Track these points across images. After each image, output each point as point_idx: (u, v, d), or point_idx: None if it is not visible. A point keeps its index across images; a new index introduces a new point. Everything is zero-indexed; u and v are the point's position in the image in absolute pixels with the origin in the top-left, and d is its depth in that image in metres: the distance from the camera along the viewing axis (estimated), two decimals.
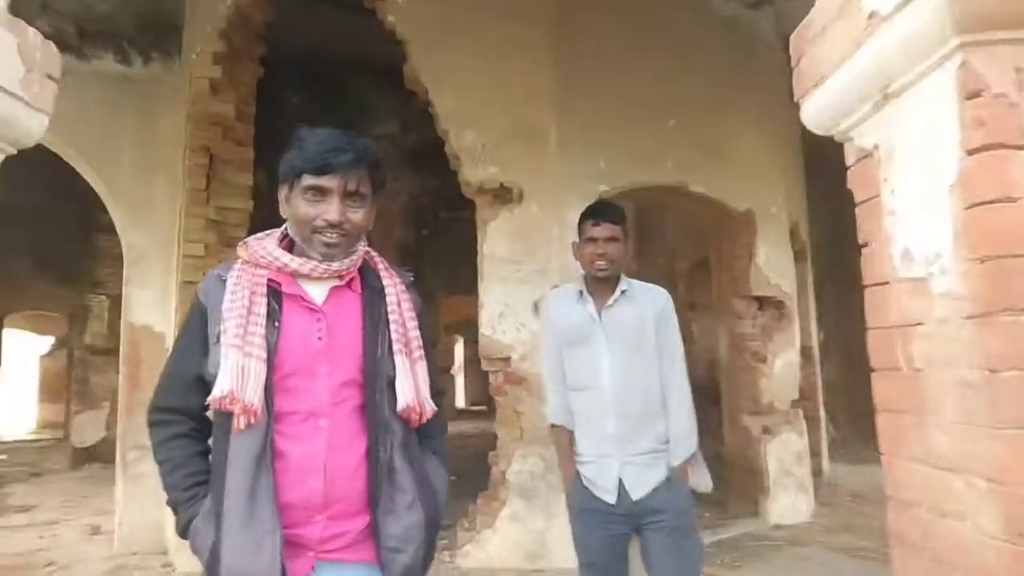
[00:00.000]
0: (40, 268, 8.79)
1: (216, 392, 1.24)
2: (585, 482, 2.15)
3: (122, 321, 4.92)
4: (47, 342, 12.80)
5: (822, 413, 6.67)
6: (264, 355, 1.27)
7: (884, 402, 1.33)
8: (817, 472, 5.80)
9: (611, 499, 2.10)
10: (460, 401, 16.66)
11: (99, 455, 8.05)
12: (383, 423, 1.35)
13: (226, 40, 4.42)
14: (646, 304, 2.21)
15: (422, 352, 1.45)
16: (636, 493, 2.09)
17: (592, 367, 2.17)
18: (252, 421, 1.24)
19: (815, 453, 5.78)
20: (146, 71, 4.88)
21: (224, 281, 1.34)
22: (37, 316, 11.52)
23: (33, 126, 1.45)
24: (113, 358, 6.63)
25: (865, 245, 1.30)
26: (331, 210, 1.31)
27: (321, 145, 1.32)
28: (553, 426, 2.29)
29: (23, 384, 13.58)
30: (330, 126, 1.40)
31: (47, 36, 4.40)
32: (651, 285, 2.31)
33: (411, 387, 1.39)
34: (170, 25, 4.89)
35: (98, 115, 4.74)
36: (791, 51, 1.42)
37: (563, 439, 2.25)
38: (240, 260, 1.37)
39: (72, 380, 8.83)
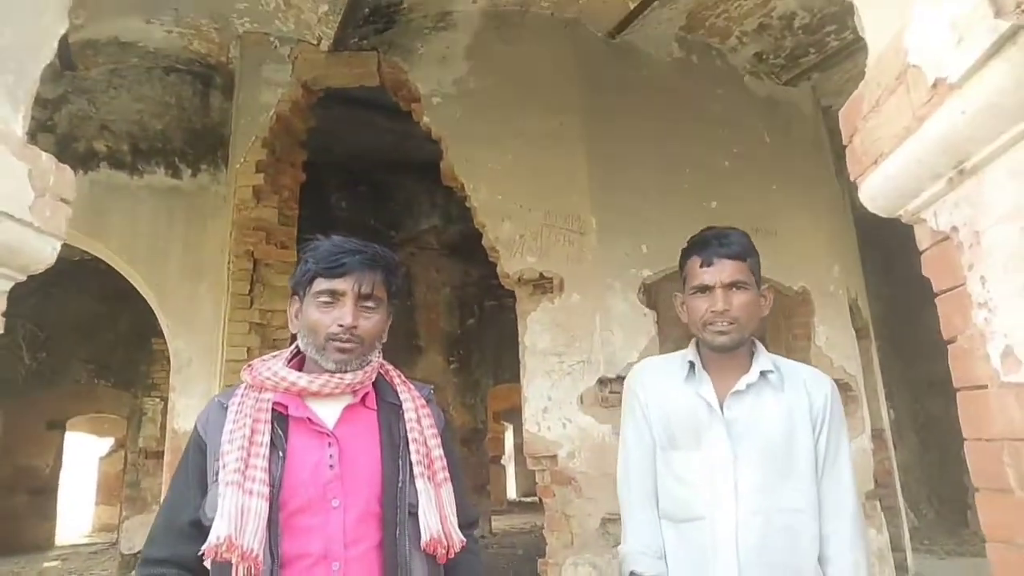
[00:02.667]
0: (99, 373, 9.03)
1: (212, 539, 1.10)
2: None
3: (167, 427, 4.92)
4: (106, 444, 13.05)
5: (901, 502, 6.11)
6: (266, 491, 1.14)
7: (993, 532, 1.09)
8: (902, 569, 5.23)
9: None
10: (512, 492, 16.10)
11: None
12: (404, 564, 1.19)
13: (268, 148, 4.57)
14: (798, 395, 1.44)
15: (447, 474, 1.30)
16: None
17: (706, 486, 1.40)
18: (253, 570, 1.09)
19: (897, 548, 5.24)
20: (194, 182, 5.09)
21: (226, 408, 1.24)
22: (98, 419, 11.77)
23: (44, 251, 1.41)
24: (163, 462, 6.64)
25: (952, 341, 1.11)
26: (345, 314, 1.23)
27: (335, 247, 1.27)
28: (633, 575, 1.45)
29: (83, 487, 13.75)
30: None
31: (103, 156, 4.63)
32: (805, 366, 1.56)
33: (436, 517, 1.23)
34: (217, 137, 5.13)
35: (149, 226, 4.92)
36: (842, 127, 1.29)
37: None
38: (243, 384, 1.27)
39: (125, 484, 8.85)
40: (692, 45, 4.92)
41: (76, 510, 13.22)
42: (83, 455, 13.64)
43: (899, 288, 7.77)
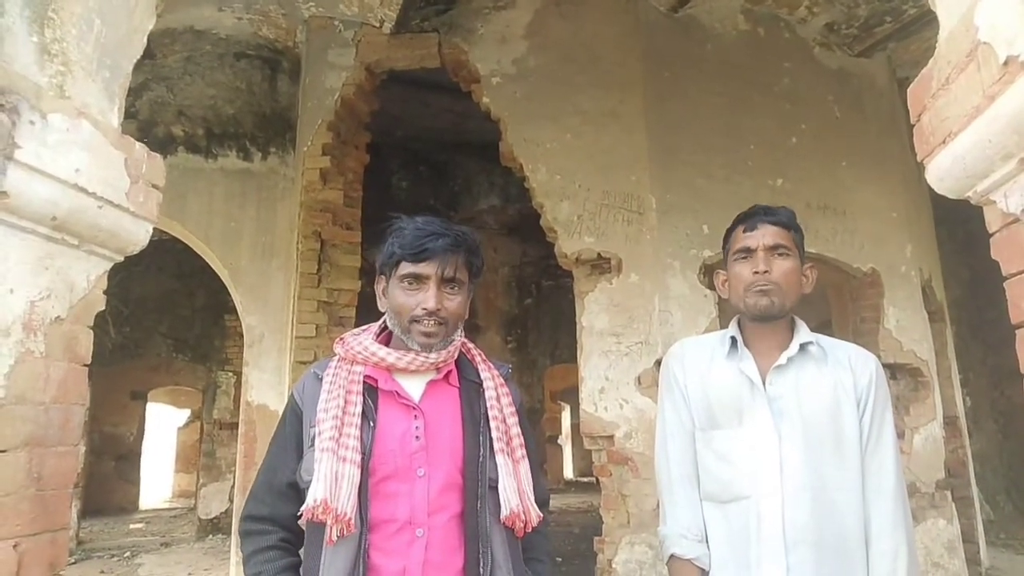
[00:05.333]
0: (177, 347, 9.52)
1: (309, 501, 1.18)
2: None
3: (241, 400, 5.18)
4: (184, 415, 13.81)
5: (975, 492, 5.87)
6: (358, 458, 1.21)
7: None
8: (974, 562, 5.05)
9: None
10: (568, 471, 16.20)
11: (222, 527, 8.40)
12: (484, 534, 1.25)
13: (334, 131, 4.69)
14: (843, 370, 1.41)
15: (524, 451, 1.35)
16: None
17: (749, 464, 1.37)
18: (345, 532, 1.17)
19: (970, 540, 5.05)
20: (264, 164, 5.28)
21: (320, 379, 1.31)
22: (176, 391, 12.46)
23: (139, 234, 1.53)
24: (237, 432, 7.01)
25: (1021, 326, 1.09)
26: (429, 298, 1.28)
27: (419, 231, 1.30)
28: (673, 558, 1.42)
29: (163, 455, 14.62)
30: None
31: (180, 140, 4.87)
32: (848, 344, 1.51)
33: (515, 491, 1.28)
34: (285, 121, 5.30)
35: (223, 207, 5.14)
36: (910, 105, 1.26)
37: None
38: (336, 356, 1.35)
39: (201, 453, 9.36)
40: (759, 17, 4.77)
41: (157, 476, 14.08)
42: (163, 425, 14.48)
43: (979, 270, 7.40)
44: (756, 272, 1.41)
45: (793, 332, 1.46)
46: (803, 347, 1.43)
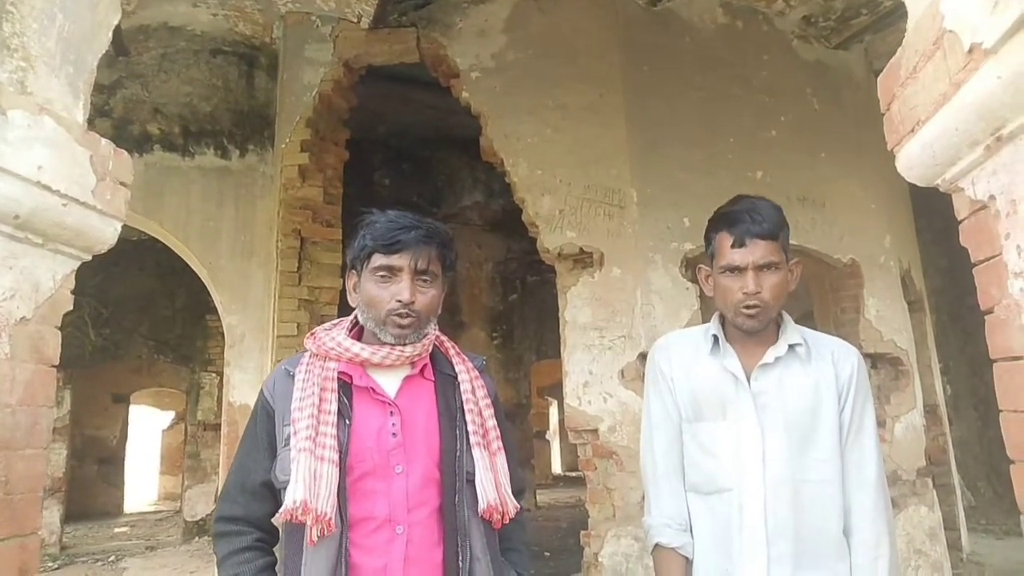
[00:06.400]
0: (159, 348, 9.42)
1: (288, 503, 1.17)
2: None
3: (223, 400, 5.13)
4: (168, 417, 13.67)
5: (956, 479, 5.95)
6: (336, 457, 1.20)
7: None
8: (956, 548, 5.12)
9: None
10: (556, 466, 16.25)
11: (208, 528, 8.33)
12: (462, 528, 1.25)
13: (312, 128, 4.66)
14: (825, 367, 1.43)
15: (500, 444, 1.36)
16: None
17: (732, 457, 1.39)
18: (325, 532, 1.16)
19: (951, 527, 5.12)
20: (243, 162, 5.22)
21: (292, 376, 1.30)
22: (160, 393, 12.34)
23: (106, 232, 1.50)
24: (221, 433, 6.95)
25: (989, 312, 1.10)
26: (403, 289, 1.27)
27: (391, 224, 1.30)
28: (658, 547, 1.43)
29: (148, 458, 14.47)
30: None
31: (156, 138, 4.79)
32: (831, 338, 1.54)
33: (492, 484, 1.29)
34: (263, 118, 5.25)
35: (201, 206, 5.08)
36: (880, 95, 1.27)
37: (674, 571, 1.40)
38: (308, 352, 1.33)
39: (186, 455, 9.28)
40: (737, 11, 4.78)
41: (142, 479, 13.95)
42: (147, 427, 14.33)
43: (958, 259, 7.47)
44: (746, 292, 1.39)
45: (779, 329, 1.47)
46: (791, 348, 1.44)
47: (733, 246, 1.42)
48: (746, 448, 1.38)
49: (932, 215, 6.81)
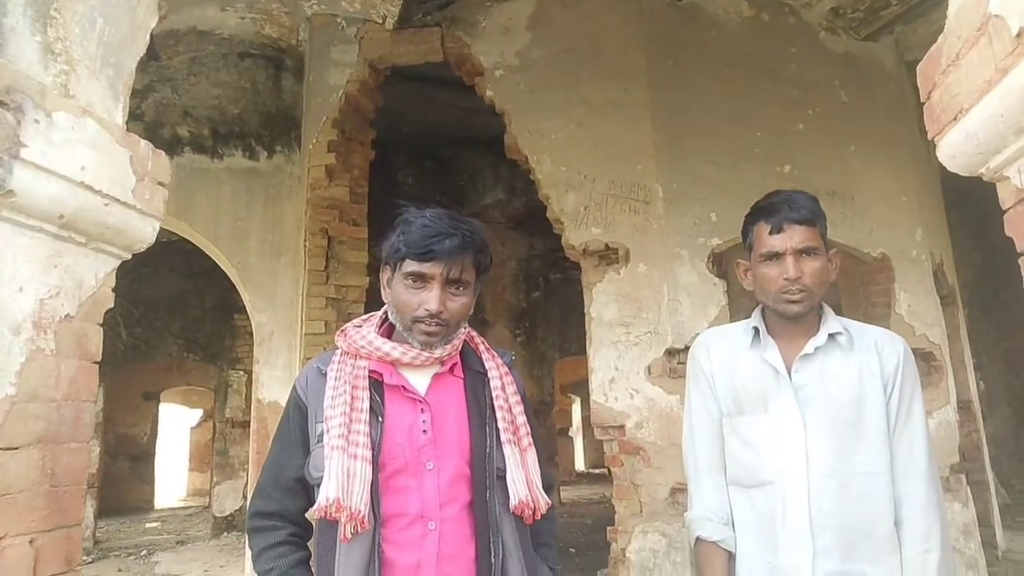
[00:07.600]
0: (189, 348, 9.58)
1: (321, 500, 1.18)
2: None
3: (252, 398, 5.20)
4: (196, 415, 13.90)
5: (990, 475, 5.83)
6: (370, 455, 1.21)
7: None
8: (990, 546, 5.02)
9: None
10: (580, 463, 16.22)
11: (236, 524, 8.46)
12: (494, 524, 1.25)
13: (339, 129, 4.70)
14: (869, 356, 1.40)
15: (531, 440, 1.36)
16: None
17: (774, 450, 1.37)
18: (359, 528, 1.17)
19: (985, 524, 5.02)
20: (270, 163, 5.29)
21: (324, 374, 1.30)
22: (188, 391, 12.55)
23: (146, 231, 1.53)
24: (249, 431, 7.05)
25: None
26: (431, 299, 1.25)
27: (426, 229, 1.26)
28: (699, 541, 1.43)
29: (177, 455, 14.73)
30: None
31: (187, 141, 4.88)
32: (876, 328, 1.50)
33: (523, 481, 1.29)
34: (290, 119, 5.31)
35: (230, 206, 5.15)
36: (919, 83, 1.24)
37: (716, 565, 1.39)
38: (339, 350, 1.34)
39: (214, 452, 9.42)
40: (763, 3, 4.72)
41: (172, 476, 14.20)
42: (176, 425, 14.58)
43: (992, 253, 7.33)
44: (787, 279, 1.38)
45: (820, 319, 1.45)
46: (832, 337, 1.42)
47: (771, 232, 1.41)
48: (787, 440, 1.37)
49: (966, 208, 6.68)
